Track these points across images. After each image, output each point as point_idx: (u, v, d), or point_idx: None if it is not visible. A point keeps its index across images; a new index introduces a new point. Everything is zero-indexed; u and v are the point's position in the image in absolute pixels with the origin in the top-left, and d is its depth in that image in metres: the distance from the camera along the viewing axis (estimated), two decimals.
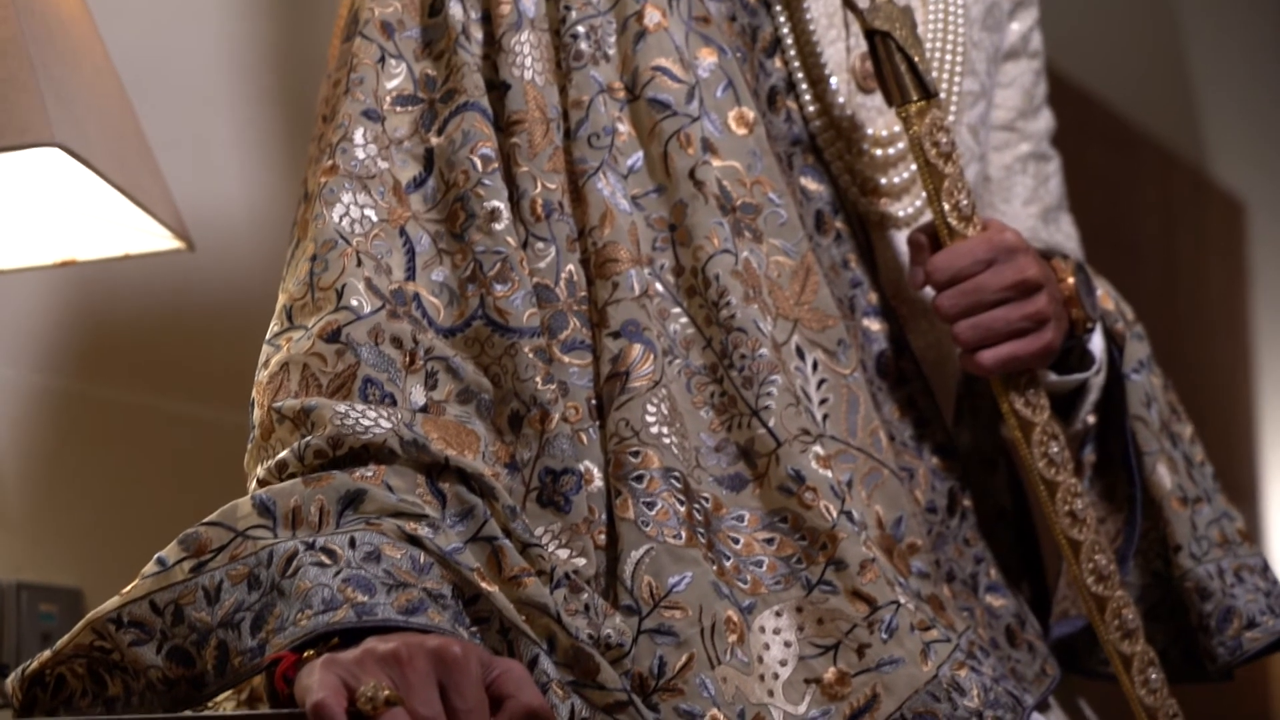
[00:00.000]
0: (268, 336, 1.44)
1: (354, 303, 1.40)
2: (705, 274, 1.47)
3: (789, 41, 1.60)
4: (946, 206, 1.54)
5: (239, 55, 2.21)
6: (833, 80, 1.60)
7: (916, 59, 1.55)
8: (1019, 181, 1.81)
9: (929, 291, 1.56)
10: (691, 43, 1.53)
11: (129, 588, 1.30)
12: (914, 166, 1.59)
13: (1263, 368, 4.69)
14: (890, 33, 1.54)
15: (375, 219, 1.45)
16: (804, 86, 1.60)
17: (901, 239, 1.61)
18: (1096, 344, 1.64)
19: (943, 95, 1.66)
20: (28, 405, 1.94)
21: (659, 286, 1.48)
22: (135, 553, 1.84)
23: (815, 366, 1.50)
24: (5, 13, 1.51)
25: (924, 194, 1.58)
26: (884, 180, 1.61)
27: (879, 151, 1.61)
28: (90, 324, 2.00)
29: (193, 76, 2.15)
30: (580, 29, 1.51)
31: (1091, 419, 1.67)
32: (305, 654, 1.19)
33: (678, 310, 1.48)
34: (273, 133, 2.23)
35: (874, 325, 1.59)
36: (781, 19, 1.60)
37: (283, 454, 1.35)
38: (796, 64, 1.60)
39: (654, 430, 1.42)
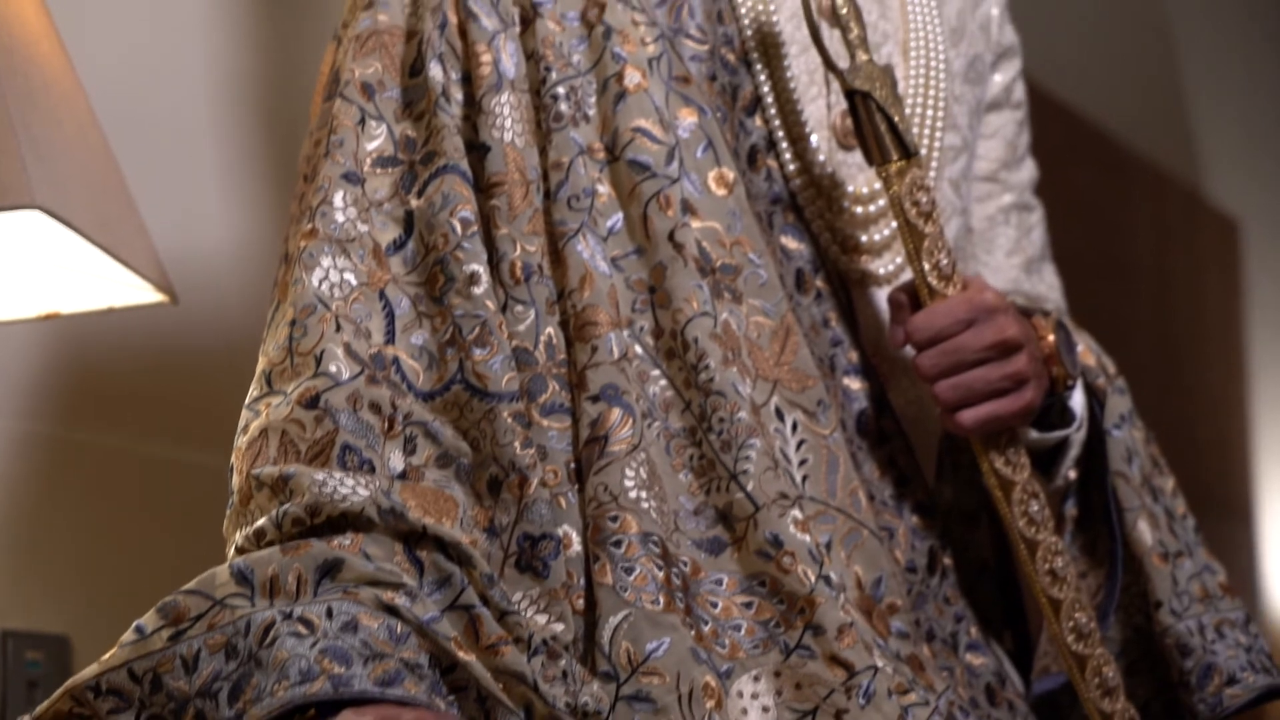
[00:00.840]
0: (247, 401, 1.44)
1: (333, 369, 1.40)
2: (684, 337, 1.47)
3: (769, 100, 1.60)
4: (926, 266, 1.54)
5: (224, 100, 2.22)
6: (813, 138, 1.60)
7: (896, 118, 1.55)
8: (1002, 232, 1.81)
9: (910, 350, 1.57)
10: (672, 103, 1.53)
11: (108, 655, 1.30)
12: (895, 224, 1.59)
13: (1258, 385, 4.69)
14: (870, 93, 1.54)
15: (355, 282, 1.45)
16: (784, 145, 1.60)
17: (882, 296, 1.62)
18: (1077, 400, 1.64)
19: (924, 151, 1.67)
20: (12, 452, 1.94)
21: (638, 349, 1.48)
22: (122, 600, 1.84)
23: (795, 427, 1.50)
24: None
25: (905, 252, 1.58)
26: (864, 238, 1.62)
27: (859, 209, 1.61)
28: (75, 372, 2.00)
29: (178, 120, 2.15)
30: (560, 90, 1.52)
31: (1073, 474, 1.68)
32: None
33: (657, 373, 1.48)
34: (258, 178, 2.23)
35: (854, 384, 1.59)
36: (762, 77, 1.60)
37: (261, 521, 1.35)
38: (777, 122, 1.60)
39: (632, 495, 1.42)
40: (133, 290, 1.71)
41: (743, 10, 1.60)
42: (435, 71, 1.51)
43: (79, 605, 1.97)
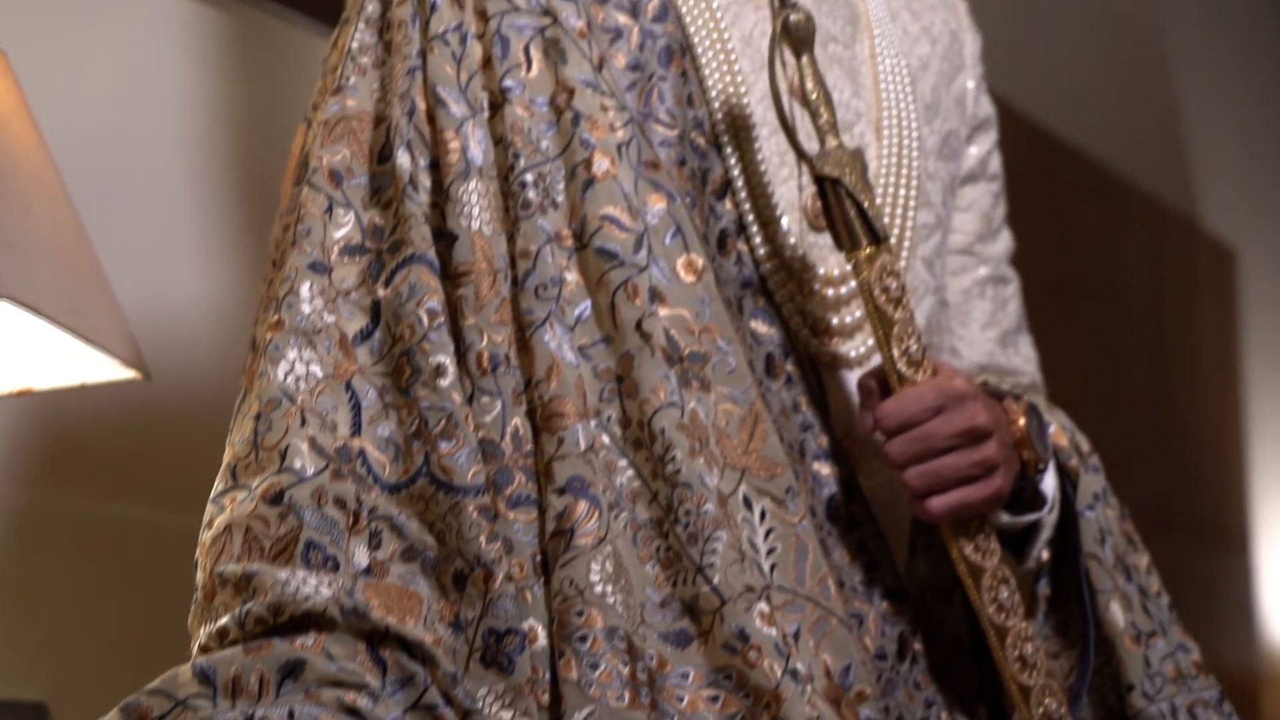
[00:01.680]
0: (212, 495, 1.44)
1: (297, 464, 1.40)
2: (651, 428, 1.47)
3: (740, 183, 1.60)
4: (896, 352, 1.54)
5: (199, 167, 2.22)
6: (784, 221, 1.60)
7: (866, 204, 1.54)
8: (977, 305, 1.81)
9: (880, 434, 1.56)
10: (640, 189, 1.53)
11: None
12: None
13: (1254, 413, 4.68)
14: (840, 179, 1.54)
15: (321, 374, 1.45)
16: (755, 228, 1.60)
17: (854, 379, 1.61)
18: (1049, 483, 1.63)
19: (896, 231, 1.66)
20: None
21: (606, 439, 1.48)
22: (100, 666, 1.85)
23: (763, 516, 1.50)
24: None
25: (874, 338, 1.58)
26: (835, 320, 1.61)
27: (830, 291, 1.61)
28: (49, 440, 2.00)
29: (152, 186, 2.16)
30: (528, 177, 1.51)
31: (1046, 555, 1.67)
32: None
33: (624, 463, 1.48)
34: (234, 246, 2.23)
35: (824, 469, 1.59)
36: (732, 160, 1.60)
37: (224, 620, 1.35)
38: (747, 206, 1.60)
39: (598, 589, 1.42)
40: (105, 367, 1.71)
41: (713, 93, 1.60)
42: (403, 159, 1.50)
43: (57, 671, 1.97)
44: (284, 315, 1.46)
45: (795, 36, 1.55)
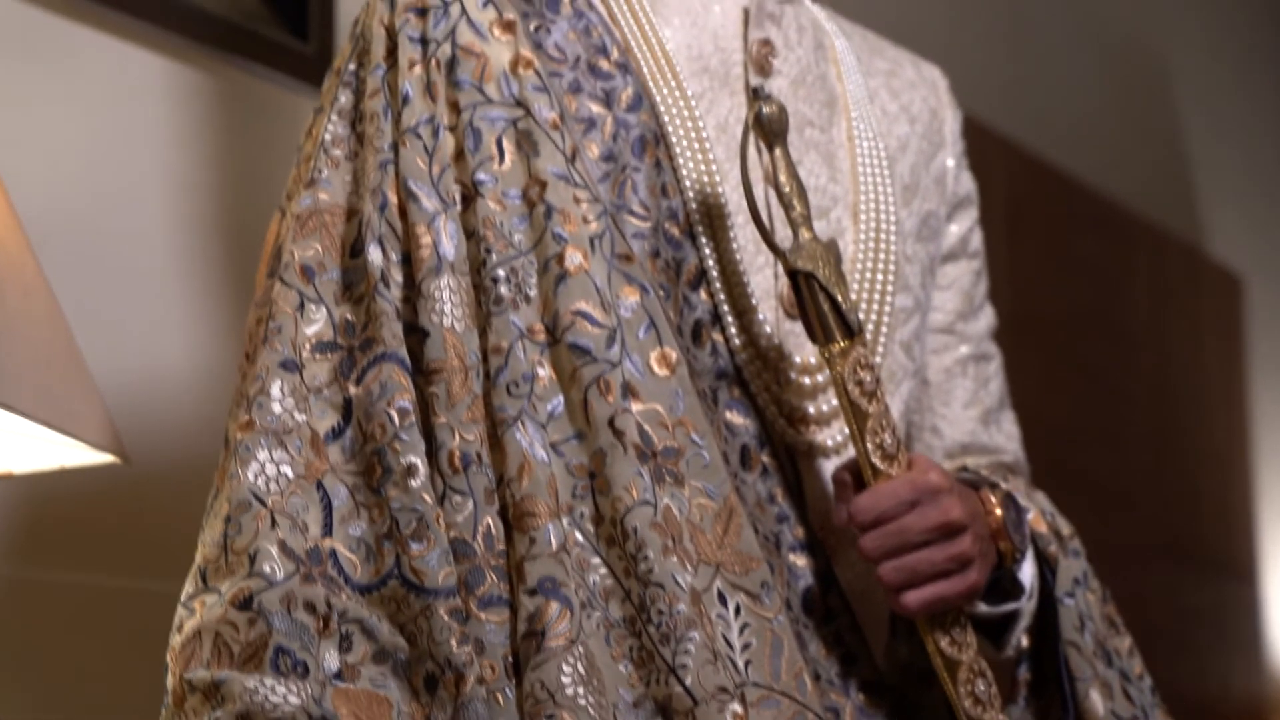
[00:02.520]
0: (182, 598, 1.44)
1: (267, 569, 1.40)
2: (624, 526, 1.46)
3: (714, 273, 1.59)
4: (870, 446, 1.53)
5: (183, 241, 2.22)
6: (759, 311, 1.59)
7: (840, 297, 1.54)
8: (959, 384, 1.80)
9: None
10: (614, 281, 1.52)
11: None
12: None
13: (1260, 444, 4.67)
14: (813, 273, 1.53)
15: (291, 475, 1.45)
16: (730, 318, 1.59)
17: (830, 468, 1.61)
18: (1027, 572, 1.63)
19: (874, 315, 1.66)
20: None
21: (579, 536, 1.48)
22: None
23: (738, 611, 1.49)
24: None
25: (849, 432, 1.57)
26: (812, 409, 1.61)
27: (807, 379, 1.60)
28: (31, 519, 2.00)
29: (133, 264, 2.16)
30: (500, 272, 1.51)
31: (1025, 641, 1.67)
32: None
33: (597, 561, 1.48)
34: (216, 314, 2.23)
35: (800, 560, 1.58)
36: (707, 250, 1.59)
37: None
38: (722, 296, 1.59)
39: (569, 692, 1.41)
40: (84, 451, 1.71)
41: (687, 183, 1.59)
42: (374, 255, 1.50)
43: None
44: (254, 415, 1.46)
45: (768, 129, 1.54)
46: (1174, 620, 4.15)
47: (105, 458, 1.71)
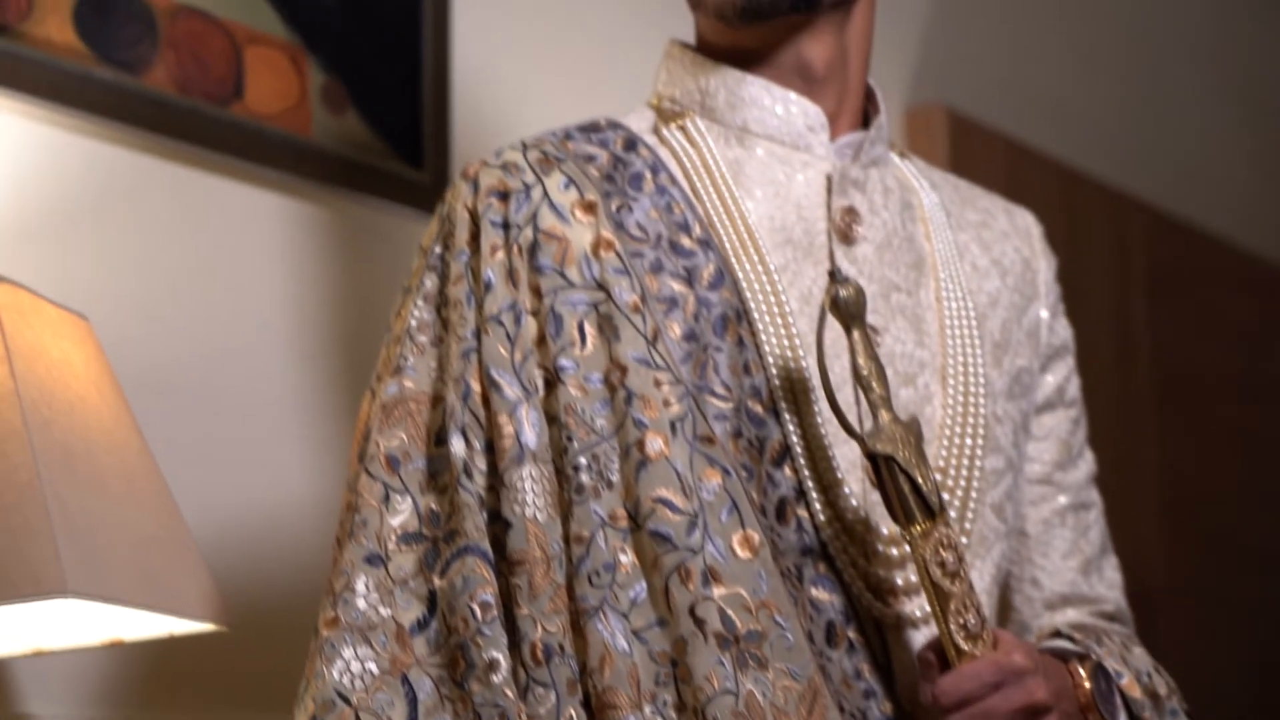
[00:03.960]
0: None
1: None
2: (705, 716, 1.48)
3: (799, 449, 1.59)
4: (953, 626, 1.53)
5: (298, 374, 2.25)
6: (845, 484, 1.59)
7: (920, 479, 1.53)
8: (1058, 535, 1.79)
9: None
10: (696, 465, 1.53)
11: None
12: None
13: None
14: (893, 455, 1.53)
15: (376, 671, 1.47)
16: (815, 494, 1.59)
17: (919, 639, 1.61)
18: None
19: (964, 480, 1.66)
20: None
21: None
22: None
23: None
24: (22, 456, 1.56)
25: (931, 613, 1.57)
26: (900, 579, 1.61)
27: (895, 550, 1.60)
28: (139, 676, 2.05)
29: (241, 435, 2.19)
30: (582, 460, 1.53)
31: None
32: None
33: None
34: (323, 488, 2.26)
35: None
36: (791, 426, 1.60)
37: None
38: (807, 471, 1.59)
39: None
40: (188, 621, 1.75)
41: (770, 358, 1.60)
42: (458, 446, 1.53)
43: None
44: (340, 612, 1.49)
45: (845, 312, 1.55)
46: None
47: (207, 626, 1.75)
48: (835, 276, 1.55)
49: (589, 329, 1.56)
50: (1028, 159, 3.56)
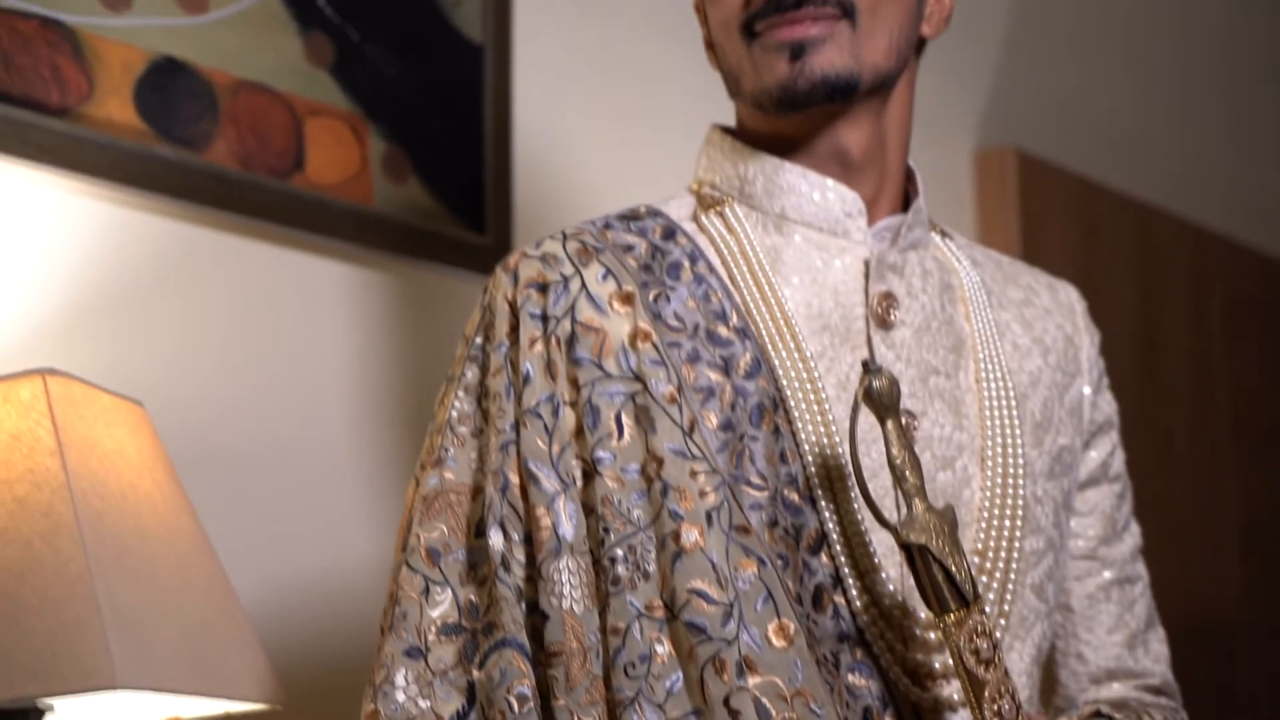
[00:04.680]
0: None
1: None
2: None
3: (835, 535, 1.61)
4: (988, 714, 1.54)
5: (361, 444, 2.28)
6: (882, 569, 1.61)
7: (954, 567, 1.54)
8: (1103, 609, 1.80)
9: None
10: (732, 555, 1.55)
11: None
12: None
13: None
14: (927, 545, 1.54)
15: None
16: (851, 580, 1.61)
17: None
18: None
19: (1002, 562, 1.66)
20: None
21: None
22: None
23: None
24: (73, 550, 1.59)
25: (966, 700, 1.58)
26: (938, 663, 1.62)
27: (932, 635, 1.61)
28: None
29: (291, 531, 2.22)
30: (618, 551, 1.55)
31: None
32: None
33: None
34: (365, 571, 2.29)
35: None
36: (827, 513, 1.61)
37: None
38: (843, 558, 1.61)
39: None
40: (242, 703, 1.78)
41: (806, 446, 1.62)
42: (495, 540, 1.55)
43: None
44: (379, 705, 1.52)
45: (878, 404, 1.56)
46: None
47: (262, 706, 1.78)
48: (869, 367, 1.57)
49: (626, 420, 1.59)
50: (1101, 196, 3.55)
